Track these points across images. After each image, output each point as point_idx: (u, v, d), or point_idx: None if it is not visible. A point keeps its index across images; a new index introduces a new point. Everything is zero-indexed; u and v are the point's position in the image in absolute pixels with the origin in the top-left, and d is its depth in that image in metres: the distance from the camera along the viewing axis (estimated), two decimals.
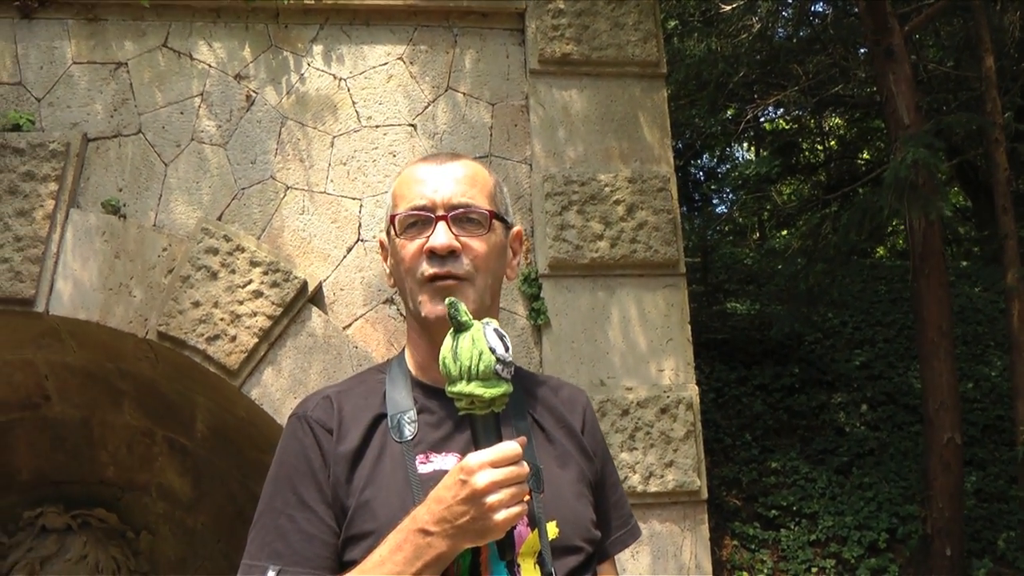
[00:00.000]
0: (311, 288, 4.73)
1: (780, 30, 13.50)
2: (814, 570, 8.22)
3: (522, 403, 1.85)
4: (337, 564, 1.72)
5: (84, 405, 5.53)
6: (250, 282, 4.63)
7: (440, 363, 1.64)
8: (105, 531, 5.77)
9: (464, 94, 5.19)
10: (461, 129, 5.15)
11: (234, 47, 4.99)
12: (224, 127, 4.90)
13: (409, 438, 1.76)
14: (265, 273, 4.64)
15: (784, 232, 17.46)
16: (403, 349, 1.95)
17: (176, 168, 4.83)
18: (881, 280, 13.25)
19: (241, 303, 4.61)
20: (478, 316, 1.69)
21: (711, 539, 5.10)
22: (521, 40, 5.29)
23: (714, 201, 18.20)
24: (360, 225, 4.94)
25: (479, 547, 1.66)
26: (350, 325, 4.83)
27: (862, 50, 13.31)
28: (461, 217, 1.82)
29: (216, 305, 4.59)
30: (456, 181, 1.84)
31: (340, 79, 5.05)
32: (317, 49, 5.06)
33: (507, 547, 1.65)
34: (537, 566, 1.71)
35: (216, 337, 4.57)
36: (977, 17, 8.88)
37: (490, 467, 1.56)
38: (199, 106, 4.91)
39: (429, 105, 5.14)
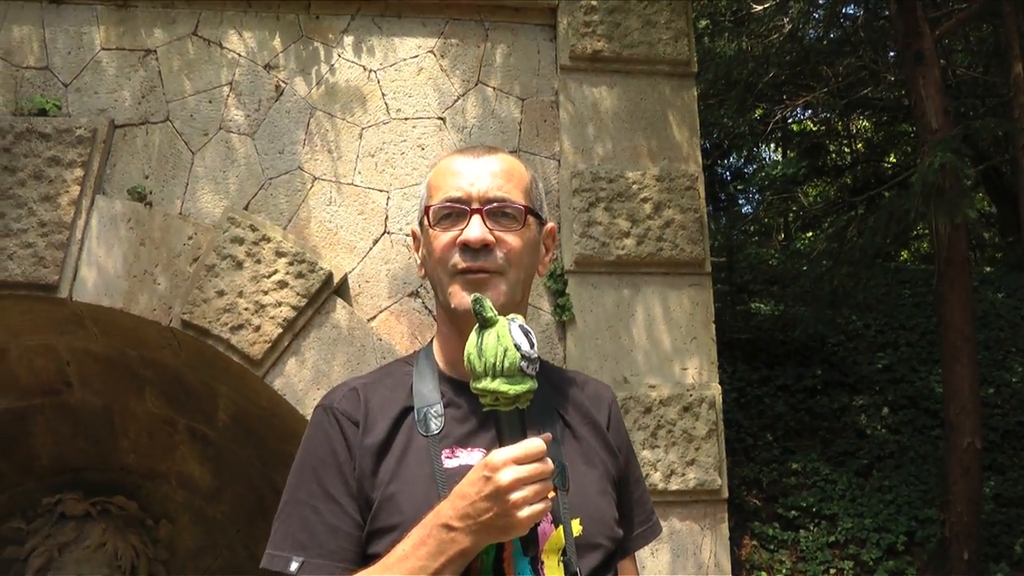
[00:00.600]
0: (336, 280, 4.72)
1: (811, 31, 13.44)
2: (832, 571, 8.20)
3: (548, 399, 1.84)
4: (361, 557, 1.71)
5: (105, 392, 5.54)
6: (275, 272, 4.62)
7: (465, 359, 1.63)
8: (124, 519, 5.77)
9: (494, 88, 5.17)
10: (490, 124, 5.13)
11: (264, 37, 4.98)
12: (252, 117, 4.89)
13: (435, 432, 1.75)
14: (290, 264, 4.63)
15: (809, 234, 17.39)
16: (430, 342, 1.95)
17: (203, 157, 4.83)
18: (905, 284, 13.18)
19: (266, 293, 4.60)
20: (508, 311, 1.69)
21: (730, 538, 5.07)
22: (552, 36, 5.26)
23: (740, 201, 18.16)
24: (387, 217, 4.92)
25: (503, 543, 1.65)
26: (374, 317, 4.82)
27: (891, 53, 13.25)
28: (496, 211, 1.80)
29: (241, 295, 4.59)
30: (492, 175, 1.82)
31: (370, 71, 5.04)
32: (348, 40, 5.05)
33: (531, 544, 1.64)
34: (561, 563, 1.70)
35: (240, 327, 4.56)
36: (1007, 23, 8.79)
37: (514, 464, 1.55)
38: (228, 95, 4.90)
39: (459, 99, 5.12)
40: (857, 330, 11.55)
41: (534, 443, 1.58)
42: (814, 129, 17.99)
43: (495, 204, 1.80)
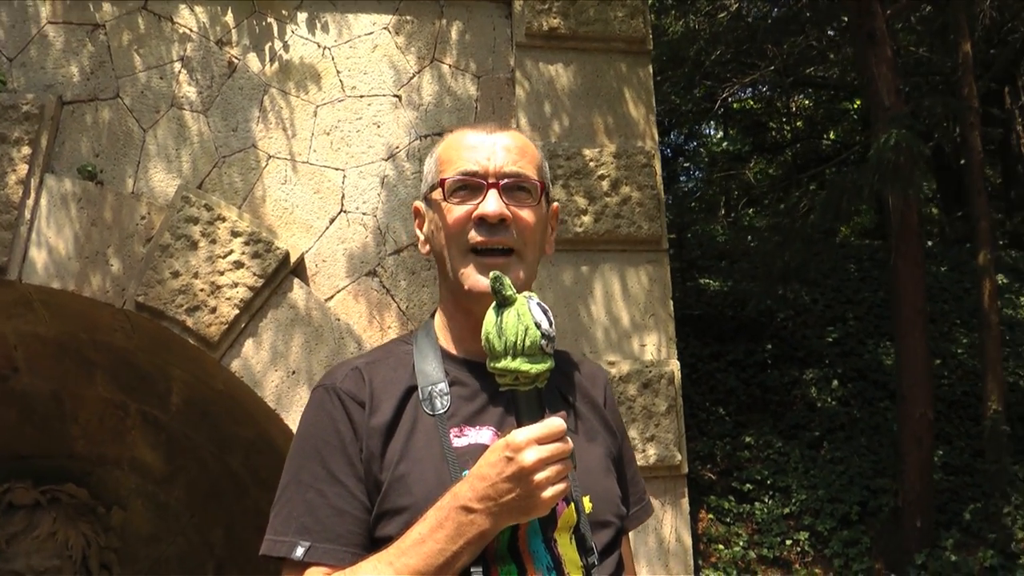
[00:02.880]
0: (293, 259, 4.65)
1: (755, 10, 13.51)
2: (788, 542, 8.32)
3: (553, 378, 1.80)
4: (369, 541, 1.67)
5: (54, 377, 5.42)
6: (231, 252, 4.54)
7: (483, 339, 1.59)
8: (75, 507, 5.65)
9: (450, 66, 5.11)
10: (446, 101, 5.08)
11: (216, 12, 4.87)
12: (205, 94, 4.79)
13: (442, 411, 1.71)
14: (246, 243, 4.55)
15: (751, 211, 17.53)
16: (429, 320, 1.90)
17: (155, 134, 4.72)
18: (851, 259, 13.35)
19: (222, 274, 4.52)
20: (521, 290, 1.65)
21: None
22: (508, 13, 5.21)
23: (682, 179, 18.23)
24: (343, 196, 4.86)
25: (518, 524, 1.62)
26: (332, 297, 4.76)
27: (831, 32, 13.35)
28: (512, 186, 1.78)
29: (196, 276, 4.50)
30: (507, 150, 1.80)
31: (324, 48, 4.96)
32: (301, 16, 4.96)
33: (550, 523, 1.63)
34: (573, 541, 1.68)
35: (196, 308, 4.48)
36: (955, 4, 8.91)
37: (536, 444, 1.52)
38: (179, 71, 4.79)
39: (414, 76, 5.06)
40: (805, 305, 11.69)
41: (555, 422, 1.55)
42: (755, 107, 18.12)
43: (511, 179, 1.77)
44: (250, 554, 5.80)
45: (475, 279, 1.74)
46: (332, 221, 4.82)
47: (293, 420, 4.56)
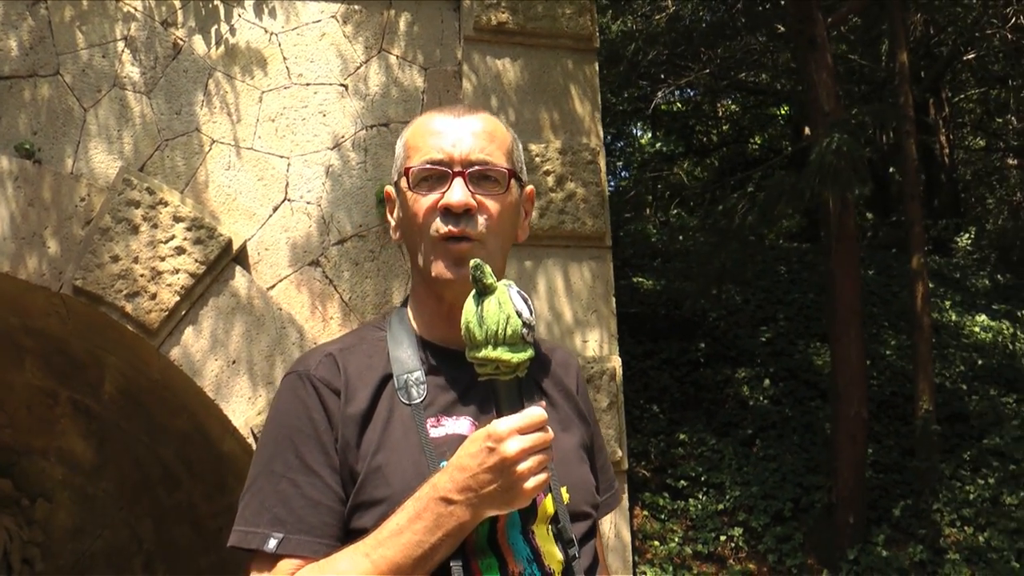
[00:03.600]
0: (235, 247, 4.57)
1: (692, 13, 13.64)
2: (723, 539, 8.41)
3: (529, 368, 1.79)
4: (343, 532, 1.62)
5: None
6: (173, 238, 4.44)
7: (463, 328, 1.56)
8: None
9: (397, 57, 5.07)
10: (393, 92, 5.04)
11: None
12: (149, 74, 4.68)
13: (418, 400, 1.67)
14: (189, 229, 4.46)
15: (675, 211, 17.69)
16: (402, 305, 1.86)
17: (96, 114, 4.60)
18: (781, 261, 13.54)
19: (163, 259, 4.43)
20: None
21: None
22: (456, 6, 5.19)
23: (609, 178, 18.37)
24: (287, 184, 4.79)
25: (497, 516, 1.59)
26: (274, 286, 4.69)
27: (762, 38, 13.53)
28: (478, 175, 1.72)
29: (136, 261, 4.40)
30: (475, 136, 1.73)
31: (272, 33, 4.88)
32: (248, 1, 4.88)
33: (530, 515, 1.61)
34: (551, 532, 1.66)
35: (136, 294, 4.38)
36: (893, 14, 9.07)
37: (518, 434, 1.50)
38: (123, 51, 4.67)
39: (361, 66, 5.01)
40: (737, 305, 11.83)
41: (536, 412, 1.53)
42: (683, 109, 18.32)
43: (478, 167, 1.72)
44: (180, 548, 5.71)
45: (441, 268, 1.70)
46: (276, 209, 4.76)
47: (232, 410, 4.49)
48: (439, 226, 1.70)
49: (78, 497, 5.75)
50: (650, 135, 19.56)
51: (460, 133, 1.73)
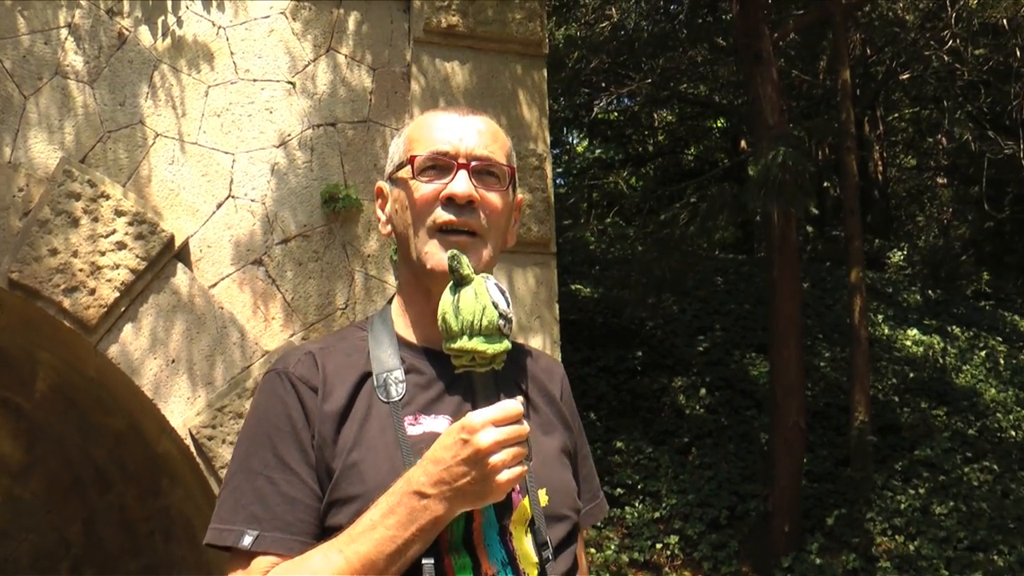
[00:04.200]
0: (178, 243, 4.48)
1: (632, 24, 13.74)
2: (659, 546, 8.47)
3: (508, 366, 1.75)
4: (319, 530, 1.61)
5: None
6: (114, 232, 4.34)
7: (439, 319, 1.57)
8: None
9: (346, 56, 5.02)
10: (340, 91, 4.98)
11: None
12: (92, 64, 4.57)
13: (396, 398, 1.66)
14: (130, 224, 4.36)
15: (608, 220, 17.83)
16: (385, 306, 1.85)
17: (37, 102, 4.48)
18: (718, 272, 13.68)
19: (103, 254, 4.32)
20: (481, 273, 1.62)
21: None
22: (407, 7, 5.15)
23: None
24: (232, 181, 4.71)
25: (472, 514, 1.58)
26: (216, 285, 4.61)
27: (703, 50, 13.69)
28: (482, 169, 1.74)
29: (76, 255, 4.29)
30: (479, 133, 1.76)
31: (220, 27, 4.80)
32: None
33: (506, 510, 1.59)
34: (528, 535, 1.65)
35: (74, 289, 4.27)
36: (837, 32, 9.21)
37: (492, 425, 1.49)
38: (66, 38, 4.55)
39: (310, 64, 4.95)
40: (674, 315, 11.93)
41: (512, 404, 1.52)
42: (620, 119, 18.48)
43: (481, 162, 1.74)
44: (109, 552, 5.58)
45: (438, 258, 1.69)
46: (219, 206, 4.68)
47: (170, 411, 4.40)
48: (440, 215, 1.70)
49: (4, 499, 5.60)
50: (586, 143, 19.70)
51: (465, 129, 1.76)
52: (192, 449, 4.42)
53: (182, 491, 4.92)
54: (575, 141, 19.70)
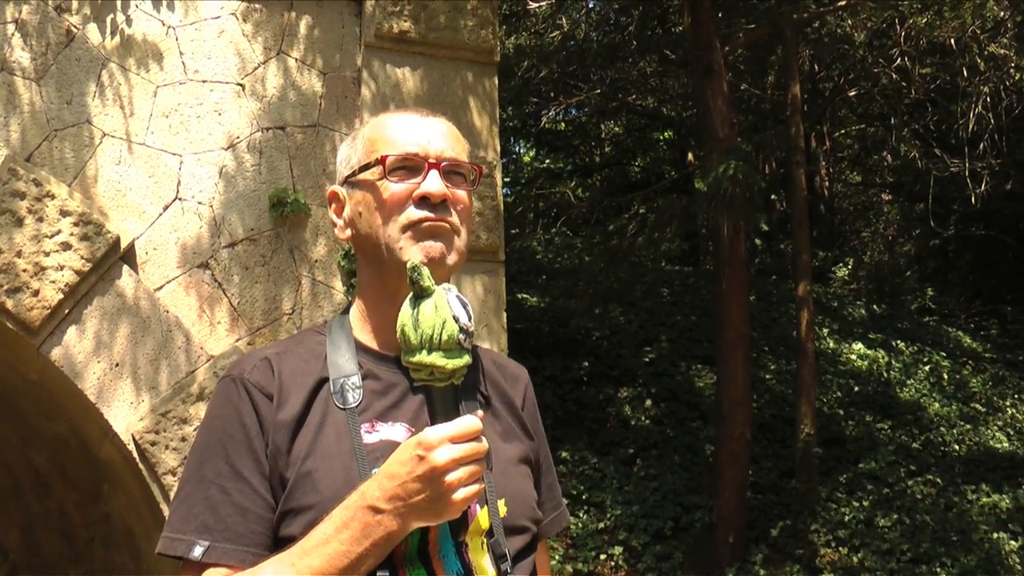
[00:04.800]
0: (123, 245, 4.41)
1: (582, 35, 13.81)
2: (603, 557, 8.48)
3: (470, 375, 1.73)
4: (272, 540, 1.58)
5: None
6: (59, 233, 4.27)
7: (398, 331, 1.53)
8: None
9: (296, 60, 4.99)
10: (290, 95, 4.95)
11: None
12: (39, 61, 4.49)
13: (353, 405, 1.63)
14: (76, 224, 4.29)
15: (556, 229, 17.89)
16: (344, 311, 1.82)
17: None
18: (664, 283, 13.76)
19: (47, 255, 4.25)
20: (452, 272, 1.62)
21: None
22: (358, 12, 5.13)
23: None
24: (179, 183, 4.65)
25: (428, 527, 1.55)
26: (162, 288, 4.55)
27: (651, 61, 13.79)
28: (450, 169, 1.73)
29: (19, 255, 4.21)
30: (444, 135, 1.75)
31: (169, 27, 4.74)
32: None
33: (461, 526, 1.57)
34: (486, 546, 1.62)
35: (17, 290, 4.19)
36: (788, 47, 9.33)
37: (450, 443, 1.46)
38: (12, 34, 4.46)
39: (260, 66, 4.91)
40: (620, 325, 11.97)
41: (471, 421, 1.50)
42: (567, 129, 18.56)
43: (450, 163, 1.73)
44: (48, 558, 5.49)
45: (413, 251, 1.66)
46: (166, 208, 4.62)
47: (113, 415, 4.34)
48: (413, 213, 1.68)
49: None
50: (533, 153, 19.76)
51: (431, 131, 1.75)
52: (135, 455, 4.36)
53: (124, 497, 4.84)
54: (522, 151, 19.75)
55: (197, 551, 1.56)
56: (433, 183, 1.68)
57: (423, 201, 1.68)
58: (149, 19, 4.71)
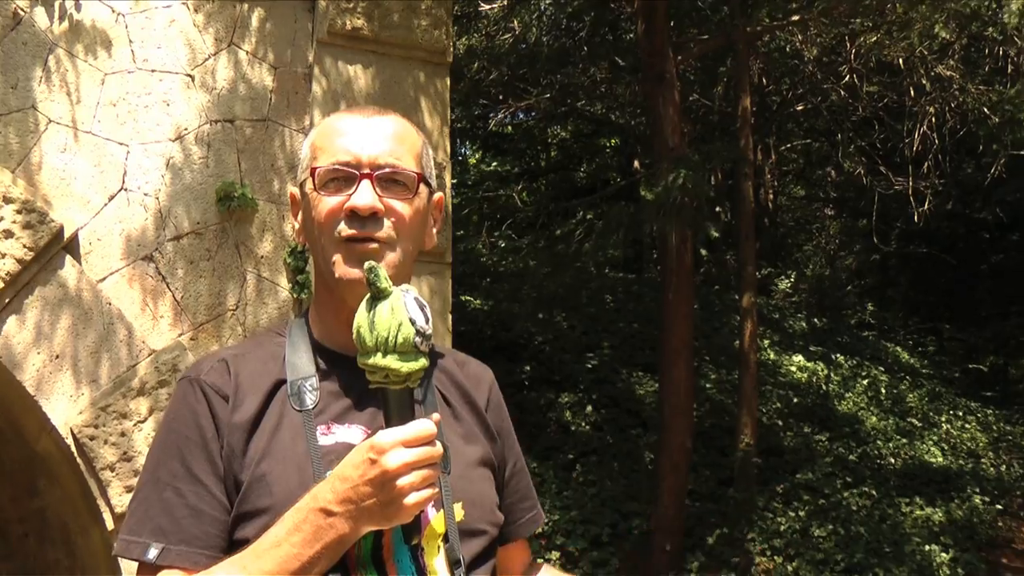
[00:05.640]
0: (67, 235, 4.34)
1: (534, 38, 13.83)
2: (540, 561, 8.46)
3: (429, 376, 1.72)
4: (227, 543, 1.56)
5: None
6: (1, 220, 4.18)
7: (354, 333, 1.51)
8: None
9: (247, 53, 4.94)
10: (240, 88, 4.90)
11: None
12: None
13: (310, 407, 1.61)
14: (19, 212, 4.20)
15: (499, 233, 17.93)
16: (305, 311, 1.79)
17: None
18: (607, 290, 13.82)
19: None
20: (395, 283, 1.57)
21: None
22: (311, 7, 5.10)
23: None
24: (125, 173, 4.58)
25: (382, 530, 1.54)
26: (105, 279, 4.48)
27: (599, 68, 13.86)
28: (386, 178, 1.67)
29: None
30: (384, 138, 1.68)
31: (119, 14, 4.66)
32: None
33: (414, 531, 1.54)
34: (442, 550, 1.60)
35: None
36: (740, 59, 9.41)
37: (402, 447, 1.44)
38: None
39: (210, 58, 4.85)
40: (563, 331, 12.00)
41: (424, 425, 1.47)
42: (514, 133, 18.58)
43: (386, 170, 1.66)
44: None
45: (345, 268, 1.64)
46: (112, 199, 4.55)
47: (52, 408, 4.26)
48: (343, 228, 1.64)
49: None
50: (479, 155, 19.76)
51: (369, 135, 1.69)
52: (73, 449, 4.29)
53: (60, 492, 4.75)
54: (467, 153, 19.75)
55: (152, 554, 1.55)
56: (361, 197, 1.64)
57: (353, 215, 1.64)
58: (99, 5, 4.63)
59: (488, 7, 11.97)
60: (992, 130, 11.55)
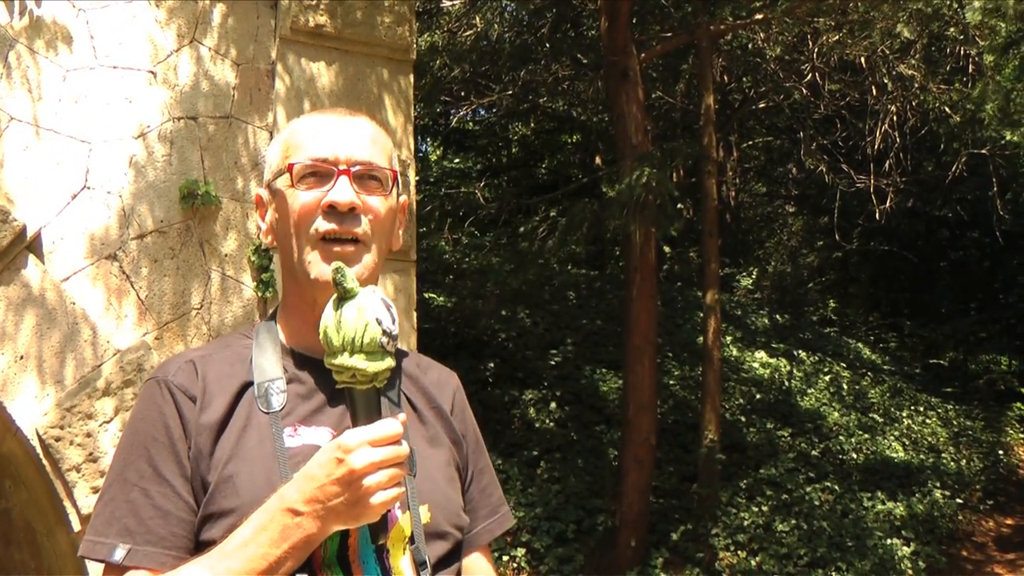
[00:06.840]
0: (30, 234, 4.29)
1: (495, 34, 13.84)
2: (505, 559, 8.49)
3: (395, 379, 1.72)
4: (194, 544, 1.57)
5: None
6: None
7: (321, 333, 1.52)
8: None
9: (210, 49, 4.91)
10: (203, 85, 4.87)
11: None
12: None
13: (277, 409, 1.62)
14: None
15: (463, 229, 17.93)
16: (272, 313, 1.79)
17: None
18: (570, 287, 13.85)
19: None
20: (368, 282, 1.59)
21: None
22: (274, 4, 5.07)
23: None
24: (88, 171, 4.54)
25: (348, 531, 1.55)
26: (68, 279, 4.44)
27: (562, 64, 13.89)
28: (363, 174, 1.69)
29: None
30: (360, 137, 1.71)
31: (80, 10, 4.62)
32: None
33: (380, 531, 1.55)
34: (407, 552, 1.61)
35: None
36: (703, 58, 9.45)
37: (369, 446, 1.45)
38: None
39: (172, 54, 4.82)
40: (527, 328, 12.02)
41: (391, 424, 1.49)
42: (476, 129, 18.59)
43: (363, 167, 1.68)
44: None
45: (321, 267, 1.65)
46: (74, 197, 4.50)
47: (16, 410, 4.21)
48: (322, 224, 1.65)
49: None
50: (441, 152, 19.76)
51: (346, 133, 1.71)
52: (38, 450, 4.24)
53: (25, 494, 4.71)
54: (429, 149, 19.74)
55: (118, 554, 1.55)
56: (340, 192, 1.65)
57: (331, 210, 1.65)
58: (59, 1, 4.59)
59: (450, 4, 11.97)
60: (953, 129, 11.70)
